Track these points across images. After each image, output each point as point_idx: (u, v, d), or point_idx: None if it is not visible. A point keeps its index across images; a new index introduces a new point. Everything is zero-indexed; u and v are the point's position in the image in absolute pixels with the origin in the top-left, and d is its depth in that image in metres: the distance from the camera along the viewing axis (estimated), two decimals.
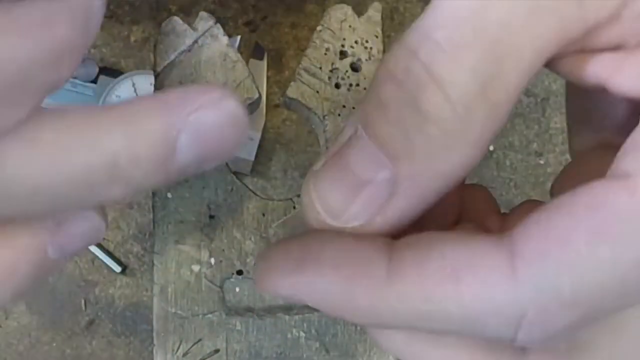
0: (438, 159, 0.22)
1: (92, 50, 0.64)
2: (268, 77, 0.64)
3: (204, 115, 0.22)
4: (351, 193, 0.23)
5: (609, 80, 0.22)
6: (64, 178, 0.22)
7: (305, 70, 0.32)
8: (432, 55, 0.21)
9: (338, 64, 0.32)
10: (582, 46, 0.22)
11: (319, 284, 0.22)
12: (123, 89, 0.63)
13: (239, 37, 0.65)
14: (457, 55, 0.21)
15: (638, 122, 0.23)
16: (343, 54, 0.32)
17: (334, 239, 0.23)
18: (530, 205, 0.28)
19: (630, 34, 0.21)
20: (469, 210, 0.26)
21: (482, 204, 0.27)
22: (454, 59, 0.21)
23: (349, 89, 0.32)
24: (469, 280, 0.20)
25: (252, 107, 0.32)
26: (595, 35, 0.21)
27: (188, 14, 0.65)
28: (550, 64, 0.23)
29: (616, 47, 0.22)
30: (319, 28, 0.32)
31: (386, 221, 0.23)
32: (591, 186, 0.20)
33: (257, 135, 0.64)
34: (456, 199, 0.27)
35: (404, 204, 0.23)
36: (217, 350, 0.30)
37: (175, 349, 0.30)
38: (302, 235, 0.24)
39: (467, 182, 0.28)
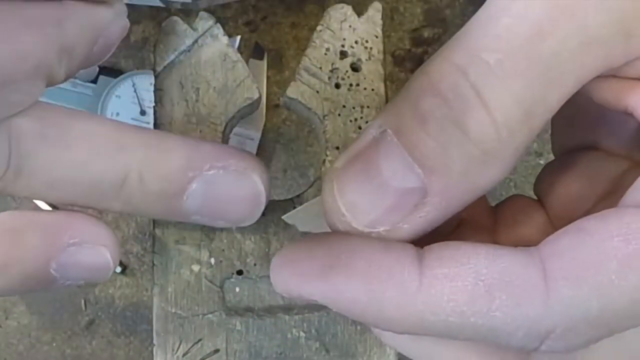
0: (472, 177, 0.22)
1: None
2: (268, 77, 0.64)
3: (220, 176, 0.23)
4: (379, 197, 0.23)
5: (636, 109, 0.23)
6: (79, 178, 0.23)
7: (305, 70, 0.32)
8: (483, 78, 0.21)
9: (338, 64, 0.32)
10: (616, 72, 0.22)
11: (347, 292, 0.22)
12: (123, 88, 0.63)
13: (239, 37, 0.65)
14: (508, 81, 0.21)
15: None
16: (343, 54, 0.32)
17: (364, 246, 0.23)
18: (520, 201, 0.28)
19: None
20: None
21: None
22: (504, 85, 0.21)
23: (349, 89, 0.32)
24: (502, 298, 0.21)
25: (252, 107, 0.32)
26: (632, 66, 0.22)
27: (188, 14, 0.65)
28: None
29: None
30: (319, 28, 0.32)
31: (413, 229, 0.23)
32: (620, 214, 0.21)
33: (257, 135, 0.64)
34: None
35: (432, 215, 0.23)
36: (217, 350, 0.30)
37: (175, 349, 0.30)
38: (326, 238, 0.24)
39: None
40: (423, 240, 0.23)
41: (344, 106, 0.32)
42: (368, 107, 0.32)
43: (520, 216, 0.28)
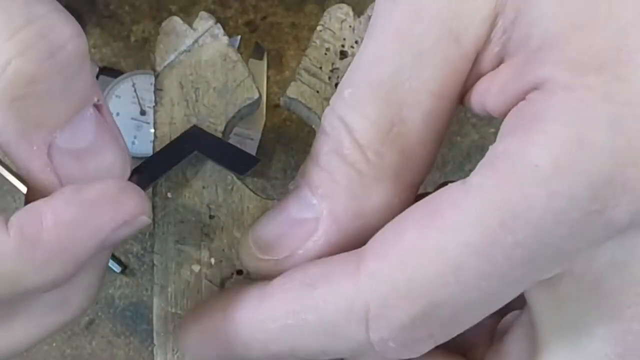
0: (357, 199, 0.24)
1: (92, 50, 0.64)
2: (268, 77, 0.64)
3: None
4: (282, 231, 0.25)
5: (485, 105, 0.23)
6: None
7: (305, 70, 0.32)
8: (344, 109, 0.24)
9: (338, 64, 0.32)
10: (477, 76, 0.23)
11: (210, 329, 0.25)
12: (123, 88, 0.63)
13: (239, 37, 0.65)
14: (359, 107, 0.23)
15: None
16: (343, 54, 0.32)
17: (227, 291, 0.26)
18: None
19: (502, 52, 0.22)
20: None
21: None
22: (357, 111, 0.23)
23: None
24: (321, 286, 0.22)
25: (252, 107, 0.32)
26: (479, 64, 0.23)
27: (188, 14, 0.65)
28: (464, 102, 0.24)
29: (498, 66, 0.23)
30: (319, 28, 0.32)
31: (307, 255, 0.24)
32: (437, 192, 0.21)
33: (257, 135, 0.64)
34: None
35: (323, 239, 0.24)
36: None
37: (176, 349, 0.30)
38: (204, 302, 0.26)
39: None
40: None
41: None
42: None
43: None
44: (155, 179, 0.29)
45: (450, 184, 0.21)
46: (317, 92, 0.32)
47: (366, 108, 0.23)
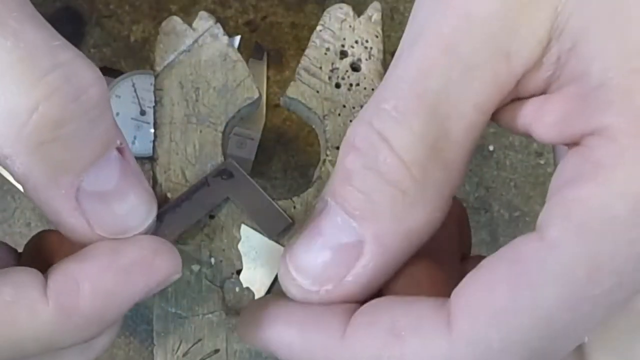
0: (401, 219, 0.23)
1: (92, 50, 0.64)
2: (268, 77, 0.64)
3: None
4: (323, 257, 0.24)
5: (531, 127, 0.23)
6: None
7: (305, 70, 0.32)
8: (384, 123, 0.23)
9: (338, 63, 0.32)
10: (515, 95, 0.23)
11: (285, 337, 0.24)
12: (123, 88, 0.63)
13: (239, 37, 0.65)
14: (405, 121, 0.23)
15: None
16: (343, 54, 0.32)
17: (305, 303, 0.25)
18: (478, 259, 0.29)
19: (552, 78, 0.23)
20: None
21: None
22: (402, 125, 0.23)
23: (349, 89, 0.32)
24: (412, 340, 0.22)
25: (252, 107, 0.32)
26: (524, 84, 0.23)
27: (188, 14, 0.65)
28: (493, 117, 0.24)
29: (542, 92, 0.23)
30: (319, 28, 0.32)
31: (357, 281, 0.24)
32: (511, 244, 0.22)
33: (257, 135, 0.64)
34: (455, 231, 0.29)
35: (372, 263, 0.24)
36: (217, 350, 0.30)
37: (175, 349, 0.30)
38: (280, 297, 0.26)
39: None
40: None
41: (344, 106, 0.32)
42: None
43: None
44: (187, 224, 0.30)
45: (525, 237, 0.21)
46: (317, 92, 0.32)
47: (413, 122, 0.22)
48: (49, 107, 0.22)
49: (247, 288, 0.31)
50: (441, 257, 0.28)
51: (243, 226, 0.30)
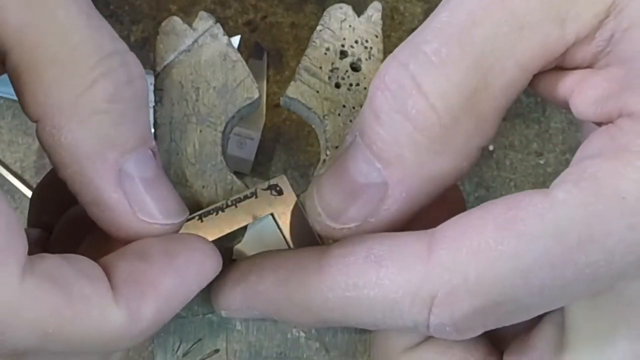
0: (426, 165, 0.23)
1: None
2: (268, 77, 0.64)
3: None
4: (348, 196, 0.24)
5: (570, 99, 0.23)
6: None
7: (305, 70, 0.32)
8: (421, 68, 0.22)
9: (338, 63, 0.32)
10: (560, 63, 0.23)
11: (260, 288, 0.24)
12: None
13: (239, 37, 0.65)
14: (444, 68, 0.22)
15: None
16: (343, 54, 0.32)
17: (277, 253, 0.25)
18: None
19: (602, 54, 0.22)
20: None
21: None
22: (441, 72, 0.22)
23: (349, 89, 0.32)
24: (388, 265, 0.22)
25: (252, 107, 0.32)
26: (571, 54, 0.23)
27: (188, 14, 0.65)
28: (532, 83, 0.24)
29: (588, 66, 0.23)
30: (318, 28, 0.32)
31: (379, 222, 0.24)
32: (515, 194, 0.22)
33: (257, 135, 0.64)
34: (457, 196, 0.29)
35: (395, 207, 0.24)
36: (217, 350, 0.30)
37: (175, 349, 0.30)
38: (255, 255, 0.26)
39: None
40: None
41: (344, 106, 0.32)
42: None
43: None
44: (226, 230, 0.30)
45: (531, 191, 0.21)
46: (317, 92, 0.32)
47: (453, 70, 0.22)
48: (106, 82, 0.23)
49: None
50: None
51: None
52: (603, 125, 0.22)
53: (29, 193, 0.70)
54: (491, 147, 0.68)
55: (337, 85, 0.32)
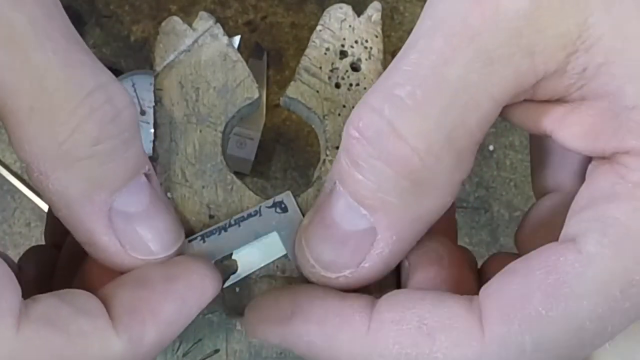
0: (413, 207, 0.23)
1: (92, 50, 0.64)
2: (268, 77, 0.64)
3: None
4: (339, 245, 0.25)
5: (554, 132, 0.24)
6: None
7: (305, 70, 0.32)
8: (397, 112, 0.22)
9: (338, 63, 0.32)
10: (532, 95, 0.23)
11: (304, 336, 0.24)
12: None
13: (239, 37, 0.65)
14: (421, 110, 0.22)
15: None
16: (343, 54, 0.32)
17: (323, 294, 0.25)
18: (500, 259, 0.29)
19: (574, 87, 0.23)
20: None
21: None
22: (419, 113, 0.22)
23: (349, 89, 0.32)
24: (442, 340, 0.22)
25: (252, 107, 0.32)
26: (543, 87, 0.23)
27: (188, 14, 0.65)
28: (503, 113, 0.24)
29: (560, 99, 0.23)
30: (318, 28, 0.32)
31: (375, 267, 0.25)
32: (543, 252, 0.22)
33: (257, 135, 0.64)
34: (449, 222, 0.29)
35: (387, 250, 0.24)
36: (217, 350, 0.30)
37: (175, 349, 0.30)
38: (292, 288, 0.26)
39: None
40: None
41: (344, 106, 0.32)
42: None
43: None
44: (229, 250, 0.30)
45: (560, 247, 0.22)
46: (317, 92, 0.32)
47: (429, 110, 0.22)
48: (89, 125, 0.22)
49: (246, 285, 0.31)
50: (451, 235, 0.29)
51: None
52: (597, 160, 0.23)
53: (29, 193, 0.70)
54: (491, 147, 0.68)
55: (337, 85, 0.32)
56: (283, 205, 0.30)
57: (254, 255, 0.30)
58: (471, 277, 0.28)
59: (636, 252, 0.21)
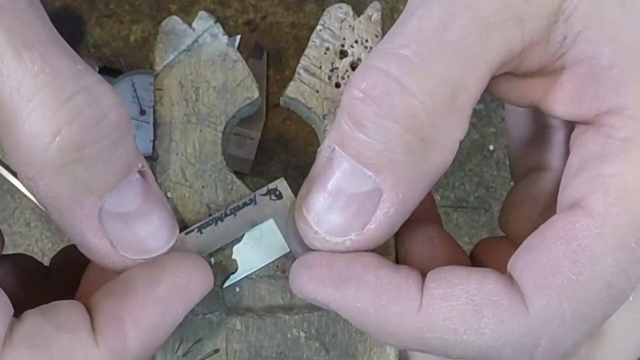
0: (418, 164, 0.24)
1: (92, 50, 0.64)
2: (268, 77, 0.64)
3: None
4: (343, 209, 0.25)
5: (540, 102, 0.25)
6: None
7: (305, 69, 0.32)
8: (404, 69, 0.23)
9: (338, 63, 0.32)
10: (517, 67, 0.24)
11: (357, 302, 0.24)
12: (123, 88, 0.63)
13: (238, 37, 0.65)
14: (427, 68, 0.23)
15: (570, 149, 0.25)
16: (343, 54, 0.32)
17: (378, 263, 0.25)
18: (489, 243, 0.31)
19: (556, 56, 0.24)
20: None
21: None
22: (425, 70, 0.23)
23: None
24: (489, 316, 0.23)
25: (251, 106, 0.32)
26: (529, 57, 0.24)
27: (188, 14, 0.65)
28: (490, 87, 0.25)
29: (543, 69, 0.24)
30: (318, 27, 0.32)
31: (380, 227, 0.25)
32: (557, 222, 0.23)
33: (257, 135, 0.64)
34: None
35: (392, 209, 0.24)
36: (217, 350, 0.30)
37: (175, 349, 0.30)
38: (345, 254, 0.26)
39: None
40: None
41: None
42: None
43: (491, 256, 0.30)
44: (227, 240, 0.30)
45: (570, 215, 0.23)
46: (317, 91, 0.32)
47: (435, 68, 0.23)
48: (71, 130, 0.22)
49: (245, 284, 0.31)
50: (436, 221, 0.31)
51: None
52: (581, 125, 0.24)
53: (29, 193, 0.70)
54: (491, 147, 0.68)
55: (337, 85, 0.32)
56: (277, 192, 0.30)
57: (254, 255, 0.30)
58: (463, 254, 0.29)
59: (639, 202, 0.22)
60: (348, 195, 0.24)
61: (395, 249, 0.30)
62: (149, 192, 0.26)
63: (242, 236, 0.30)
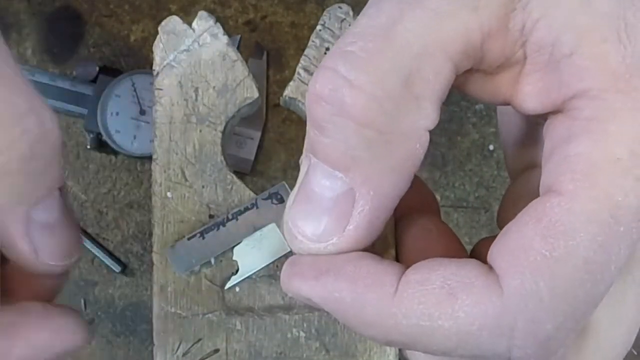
0: (382, 157, 0.24)
1: (92, 50, 0.64)
2: (268, 77, 0.64)
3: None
4: (322, 214, 0.25)
5: (511, 99, 0.25)
6: None
7: (305, 69, 0.32)
8: (351, 65, 0.23)
9: None
10: (481, 62, 0.24)
11: (334, 292, 0.24)
12: (123, 88, 0.63)
13: (238, 37, 0.65)
14: (374, 59, 0.23)
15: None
16: None
17: (356, 259, 0.25)
18: (488, 242, 0.30)
19: (517, 45, 0.24)
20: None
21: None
22: (371, 63, 0.23)
23: None
24: (463, 298, 0.22)
25: (251, 106, 0.32)
26: (491, 49, 0.24)
27: (188, 14, 0.65)
28: (462, 87, 0.25)
29: (507, 62, 0.24)
30: (318, 27, 0.32)
31: (358, 227, 0.25)
32: (530, 206, 0.23)
33: (257, 135, 0.64)
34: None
35: (367, 207, 0.24)
36: (217, 350, 0.30)
37: (175, 349, 0.30)
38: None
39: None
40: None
41: None
42: None
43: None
44: (229, 245, 0.30)
45: (542, 199, 0.23)
46: None
47: (382, 58, 0.23)
48: (21, 144, 0.25)
49: (245, 284, 0.31)
50: (435, 213, 0.31)
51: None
52: (552, 115, 0.24)
53: None
54: (491, 147, 0.68)
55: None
56: (279, 196, 0.30)
57: (254, 256, 0.30)
58: (460, 247, 0.29)
59: (611, 176, 0.22)
60: (327, 200, 0.25)
61: (396, 247, 0.30)
62: (65, 207, 0.28)
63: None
